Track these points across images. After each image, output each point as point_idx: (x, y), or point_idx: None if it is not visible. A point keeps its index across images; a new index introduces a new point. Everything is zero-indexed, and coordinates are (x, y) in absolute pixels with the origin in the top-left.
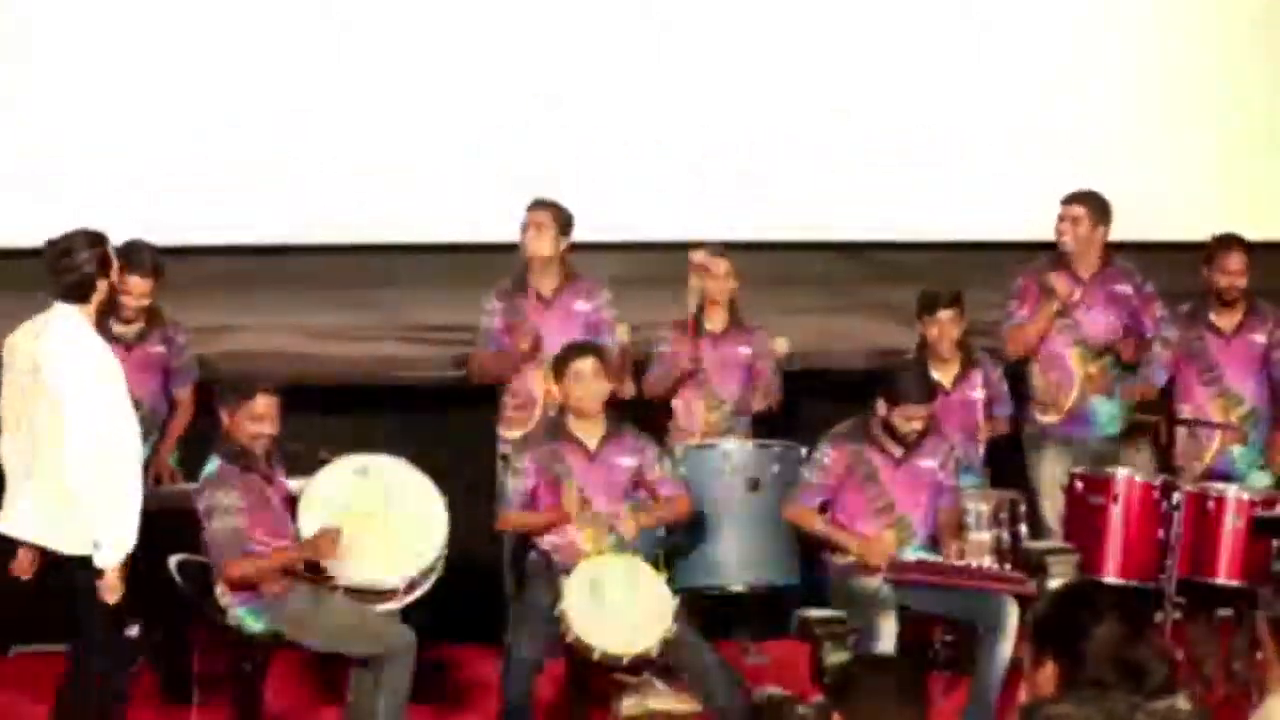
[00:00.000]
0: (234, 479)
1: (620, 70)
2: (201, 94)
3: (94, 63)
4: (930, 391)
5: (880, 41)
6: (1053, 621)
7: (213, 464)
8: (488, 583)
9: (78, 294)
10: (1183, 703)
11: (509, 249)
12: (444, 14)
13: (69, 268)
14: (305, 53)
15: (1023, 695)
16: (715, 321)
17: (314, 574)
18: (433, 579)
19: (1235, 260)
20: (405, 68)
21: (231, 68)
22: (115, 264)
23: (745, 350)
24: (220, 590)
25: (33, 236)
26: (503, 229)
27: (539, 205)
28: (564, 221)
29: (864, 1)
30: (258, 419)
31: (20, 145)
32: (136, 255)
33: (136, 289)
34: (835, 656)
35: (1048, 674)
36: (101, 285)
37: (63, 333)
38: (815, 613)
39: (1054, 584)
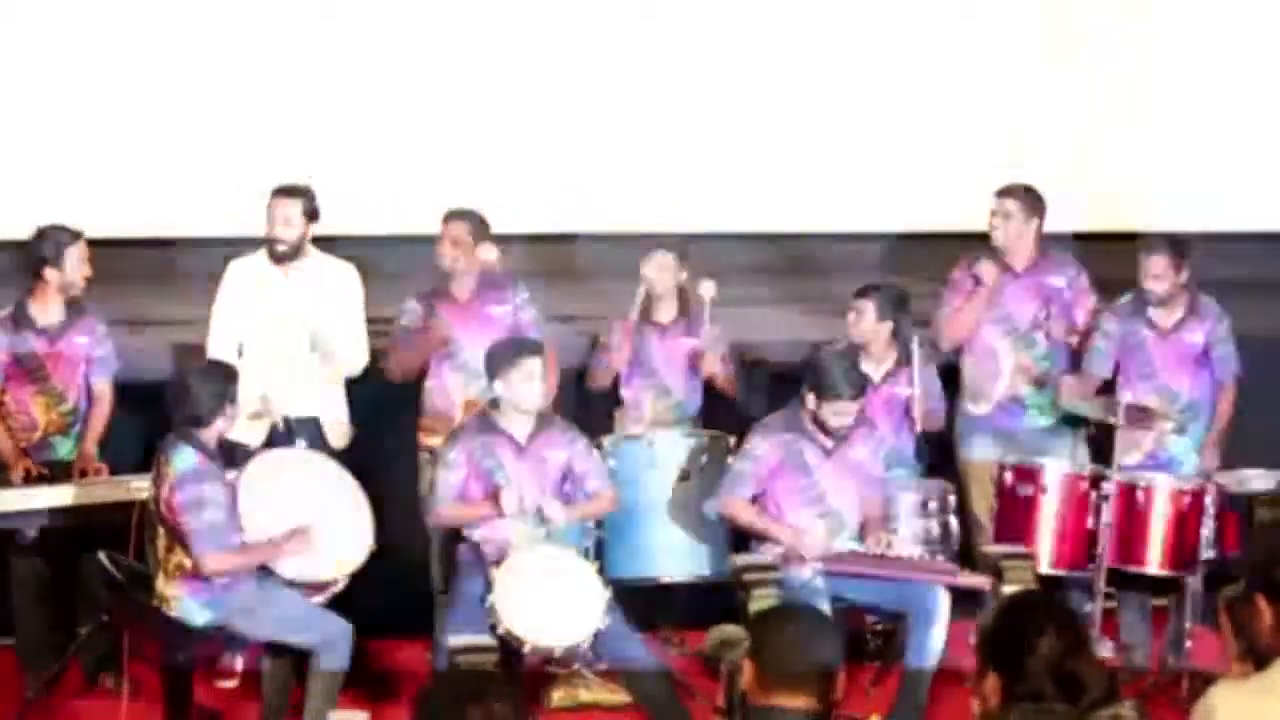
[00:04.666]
0: (215, 472)
1: (556, 64)
2: (186, 90)
3: (84, 54)
4: (860, 386)
5: (814, 32)
6: (997, 635)
7: (189, 457)
8: (414, 575)
9: None
10: (1127, 711)
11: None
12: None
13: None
14: (295, 43)
15: (974, 707)
16: (663, 313)
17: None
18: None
19: (1153, 264)
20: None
21: (216, 61)
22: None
23: (692, 341)
24: (163, 581)
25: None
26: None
27: (455, 217)
28: (480, 231)
29: None
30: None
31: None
32: (62, 230)
33: (84, 255)
34: (759, 603)
35: (991, 686)
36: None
37: None
38: (745, 558)
39: (1008, 589)
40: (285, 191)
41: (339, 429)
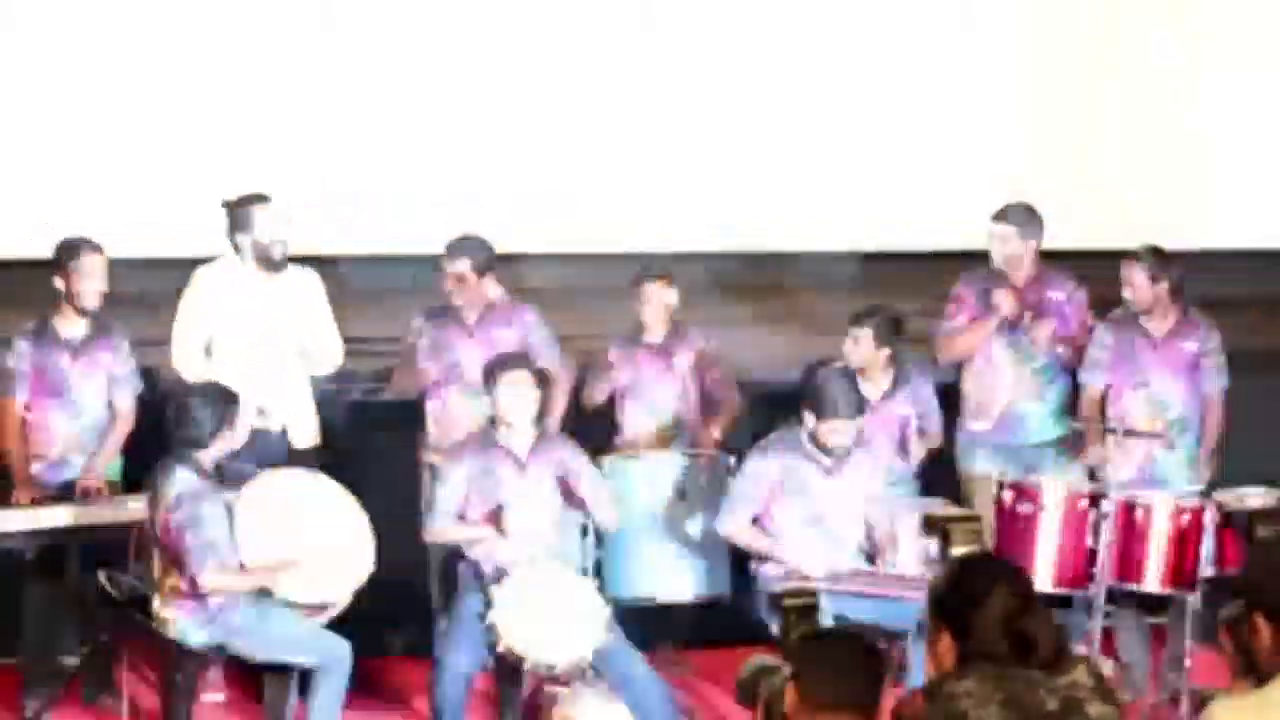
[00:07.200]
0: (211, 492)
1: (545, 90)
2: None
3: (102, 75)
4: (858, 405)
5: (803, 52)
6: (947, 594)
7: (185, 479)
8: (415, 595)
9: None
10: (1083, 678)
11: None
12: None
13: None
14: (294, 64)
15: (928, 668)
16: (655, 333)
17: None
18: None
19: (1129, 274)
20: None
21: (219, 82)
22: None
23: (684, 361)
24: (159, 602)
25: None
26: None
27: (456, 252)
28: (486, 262)
29: (791, 13)
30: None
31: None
32: (76, 242)
33: (98, 268)
34: (799, 628)
35: (945, 646)
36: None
37: None
38: (785, 585)
39: (955, 552)
40: (265, 198)
41: (306, 427)
